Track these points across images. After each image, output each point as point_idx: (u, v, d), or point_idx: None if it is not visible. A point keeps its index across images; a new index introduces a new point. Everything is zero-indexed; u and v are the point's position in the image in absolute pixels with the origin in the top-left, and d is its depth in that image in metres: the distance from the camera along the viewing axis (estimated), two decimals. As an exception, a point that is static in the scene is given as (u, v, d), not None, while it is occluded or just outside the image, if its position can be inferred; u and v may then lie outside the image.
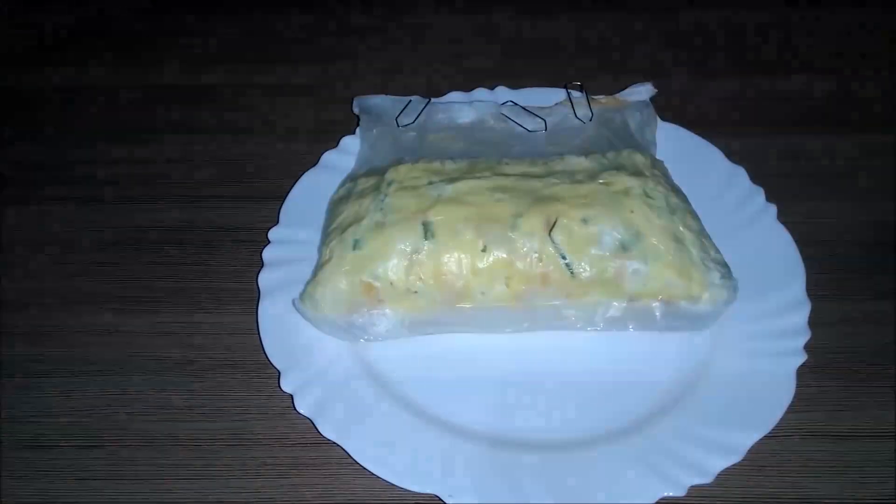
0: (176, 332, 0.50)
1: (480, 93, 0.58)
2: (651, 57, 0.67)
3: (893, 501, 0.41)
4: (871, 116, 0.61)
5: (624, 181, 0.46)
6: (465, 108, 0.54)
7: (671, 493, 0.40)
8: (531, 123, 0.53)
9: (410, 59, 0.67)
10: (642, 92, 0.55)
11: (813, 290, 0.48)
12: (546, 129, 0.53)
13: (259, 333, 0.47)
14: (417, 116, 0.53)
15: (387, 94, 0.56)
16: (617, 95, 0.55)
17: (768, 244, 0.50)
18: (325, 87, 0.65)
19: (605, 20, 0.70)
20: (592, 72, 0.65)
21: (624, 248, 0.44)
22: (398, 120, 0.53)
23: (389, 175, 0.48)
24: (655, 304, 0.45)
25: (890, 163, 0.58)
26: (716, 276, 0.44)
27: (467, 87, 0.59)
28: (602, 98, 0.54)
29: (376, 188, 0.47)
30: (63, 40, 0.69)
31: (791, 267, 0.49)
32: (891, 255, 0.52)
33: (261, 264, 0.50)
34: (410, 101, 0.54)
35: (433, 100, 0.55)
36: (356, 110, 0.55)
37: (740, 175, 0.53)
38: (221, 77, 0.66)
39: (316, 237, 0.50)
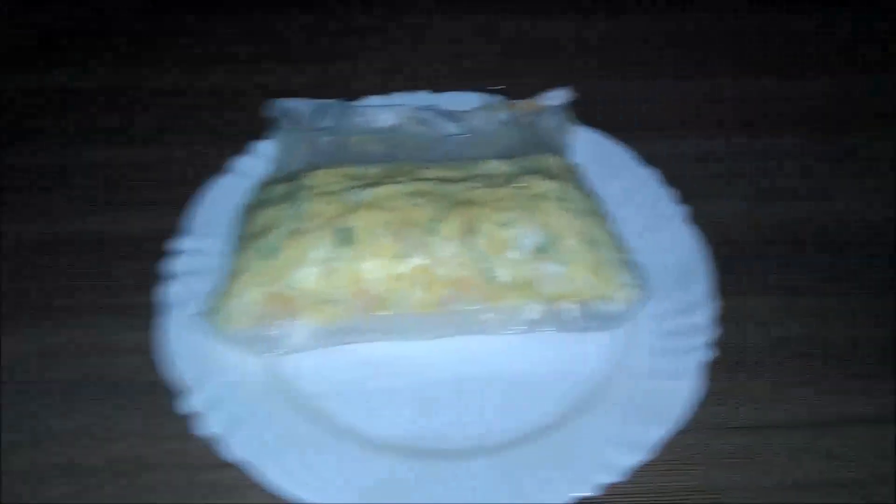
0: (67, 351, 0.47)
1: (400, 97, 0.57)
2: (570, 61, 0.68)
3: (795, 488, 0.43)
4: (777, 118, 0.64)
5: (540, 185, 0.46)
6: (385, 111, 0.53)
7: (587, 494, 0.41)
8: (451, 127, 0.53)
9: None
10: (559, 97, 0.55)
11: (720, 287, 0.49)
12: (465, 133, 0.53)
13: (161, 351, 0.44)
14: (335, 120, 0.52)
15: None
16: (534, 100, 0.55)
17: (678, 245, 0.51)
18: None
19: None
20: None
21: (541, 250, 0.44)
22: (315, 123, 0.51)
23: (306, 180, 0.46)
24: (572, 305, 0.45)
25: (796, 163, 0.61)
26: (628, 276, 0.45)
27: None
28: (520, 102, 0.55)
29: (292, 194, 0.46)
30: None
31: (699, 265, 0.50)
32: (794, 252, 0.55)
33: (163, 277, 0.47)
34: (328, 104, 0.53)
35: (351, 103, 0.54)
36: (272, 114, 0.53)
37: (653, 178, 0.55)
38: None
39: (224, 247, 0.47)
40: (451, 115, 0.54)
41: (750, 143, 0.62)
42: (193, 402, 0.42)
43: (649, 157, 0.56)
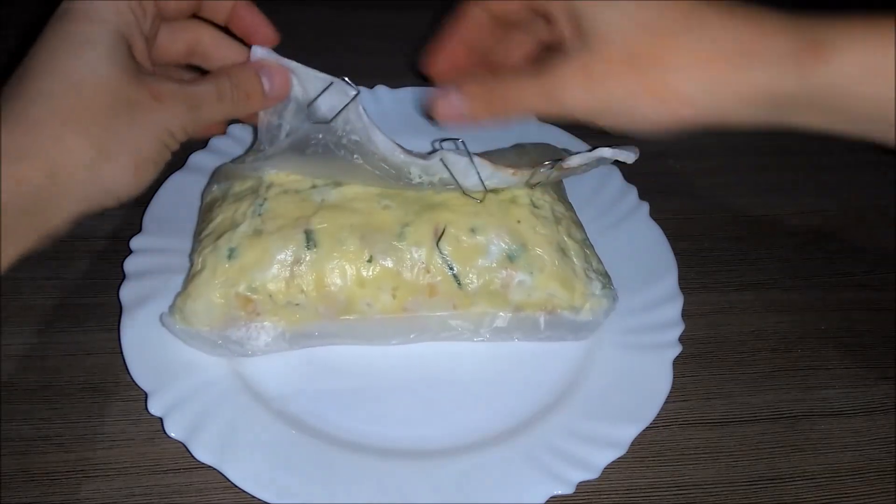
0: (25, 354, 0.45)
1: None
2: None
3: (765, 482, 0.44)
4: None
5: (511, 189, 0.45)
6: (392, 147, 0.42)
7: (560, 491, 0.40)
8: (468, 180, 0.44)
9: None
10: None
11: (682, 282, 0.49)
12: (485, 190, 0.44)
13: (122, 352, 0.43)
14: (337, 114, 0.41)
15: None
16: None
17: (642, 240, 0.52)
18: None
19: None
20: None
21: (510, 258, 0.43)
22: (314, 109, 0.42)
23: (269, 177, 0.45)
24: (539, 314, 0.44)
25: (751, 161, 0.61)
26: (597, 286, 0.45)
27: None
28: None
29: (254, 191, 0.44)
30: None
31: (664, 261, 0.50)
32: (753, 247, 0.55)
33: (122, 276, 0.46)
34: (332, 83, 0.41)
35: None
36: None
37: (614, 174, 0.55)
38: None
39: (184, 245, 0.46)
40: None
41: (707, 139, 0.62)
42: (157, 405, 0.41)
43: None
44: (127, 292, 0.45)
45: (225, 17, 0.41)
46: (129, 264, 0.46)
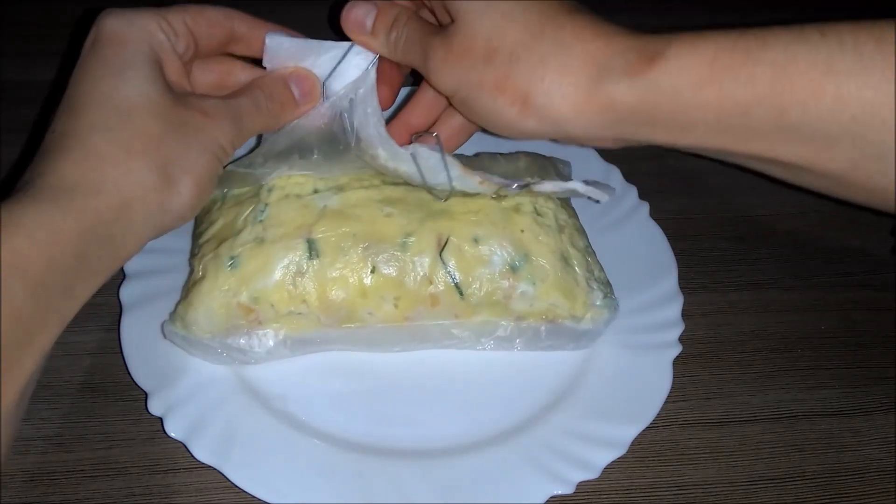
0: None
1: None
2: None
3: (765, 482, 0.44)
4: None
5: (515, 196, 0.45)
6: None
7: (560, 491, 0.40)
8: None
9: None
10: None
11: (682, 282, 0.49)
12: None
13: (122, 352, 0.43)
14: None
15: None
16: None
17: (642, 240, 0.52)
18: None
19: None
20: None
21: (513, 269, 0.43)
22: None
23: (270, 180, 0.44)
24: (541, 323, 0.44)
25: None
26: (598, 296, 0.44)
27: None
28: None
29: (255, 194, 0.44)
30: None
31: (664, 262, 0.50)
32: (753, 247, 0.55)
33: (122, 276, 0.46)
34: (352, 46, 0.41)
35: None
36: (267, 62, 0.41)
37: (614, 174, 0.55)
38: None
39: (183, 245, 0.46)
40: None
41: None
42: (157, 405, 0.41)
43: (607, 154, 0.56)
44: (127, 292, 0.45)
45: (256, 50, 0.41)
46: (129, 264, 0.46)
